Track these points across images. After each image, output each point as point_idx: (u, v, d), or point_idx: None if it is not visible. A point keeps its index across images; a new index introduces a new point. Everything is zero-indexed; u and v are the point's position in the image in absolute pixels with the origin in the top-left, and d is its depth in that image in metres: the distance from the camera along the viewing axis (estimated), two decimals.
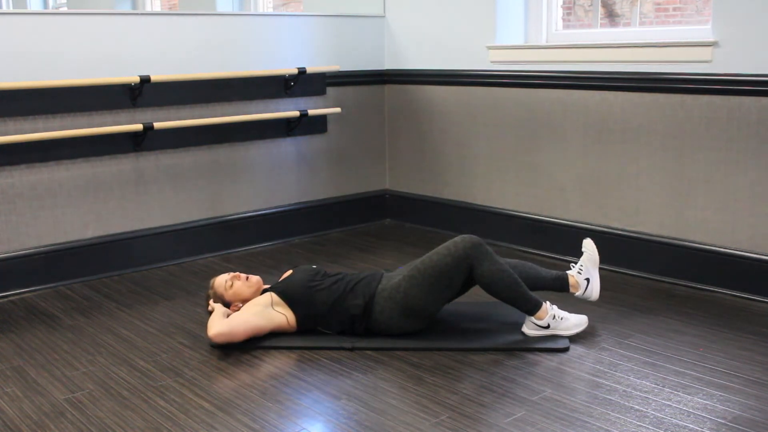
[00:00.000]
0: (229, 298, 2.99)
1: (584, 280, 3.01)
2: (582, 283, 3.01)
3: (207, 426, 2.28)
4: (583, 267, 3.02)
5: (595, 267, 3.02)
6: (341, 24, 4.46)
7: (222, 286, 3.02)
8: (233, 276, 3.03)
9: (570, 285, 3.01)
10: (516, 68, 4.03)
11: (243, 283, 3.01)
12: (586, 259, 3.03)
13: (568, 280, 3.01)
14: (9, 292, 3.51)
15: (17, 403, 2.45)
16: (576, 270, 3.03)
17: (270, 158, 4.28)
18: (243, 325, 2.82)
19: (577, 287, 3.01)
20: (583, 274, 3.01)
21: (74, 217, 3.67)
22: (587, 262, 3.02)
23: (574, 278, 3.01)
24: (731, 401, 2.38)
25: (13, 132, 3.42)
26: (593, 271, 3.02)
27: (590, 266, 3.02)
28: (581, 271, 3.02)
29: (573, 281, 3.01)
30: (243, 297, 2.99)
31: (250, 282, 3.02)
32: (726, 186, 3.31)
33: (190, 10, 5.85)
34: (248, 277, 3.04)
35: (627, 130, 3.61)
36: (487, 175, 4.25)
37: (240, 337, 2.81)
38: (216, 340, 2.79)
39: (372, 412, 2.35)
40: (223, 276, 3.07)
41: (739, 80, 3.19)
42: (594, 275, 3.01)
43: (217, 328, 2.79)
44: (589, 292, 3.01)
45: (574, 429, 2.23)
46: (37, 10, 6.99)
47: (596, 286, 3.01)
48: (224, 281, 3.03)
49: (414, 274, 2.83)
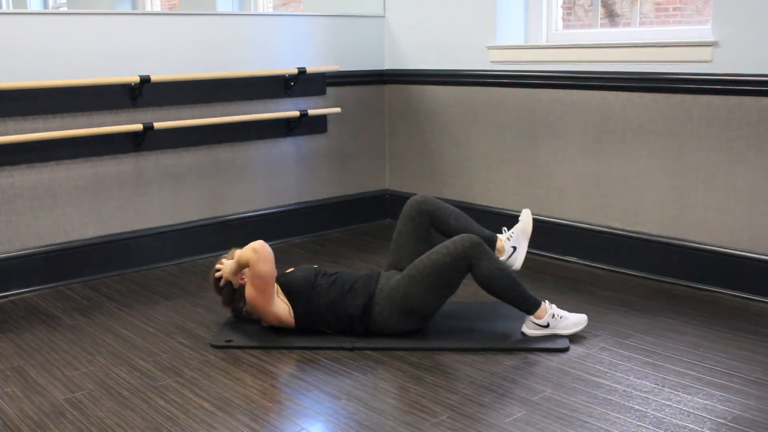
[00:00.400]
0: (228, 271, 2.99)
1: (511, 247, 3.06)
2: (508, 250, 3.06)
3: (207, 426, 2.28)
4: (513, 234, 3.08)
5: (525, 238, 3.08)
6: (341, 24, 4.46)
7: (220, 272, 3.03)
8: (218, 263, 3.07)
9: (497, 248, 3.05)
10: (516, 68, 4.03)
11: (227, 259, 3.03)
12: (518, 228, 3.09)
13: (497, 243, 3.05)
14: (9, 292, 3.51)
15: (17, 403, 2.45)
16: (506, 235, 3.08)
17: (270, 158, 4.28)
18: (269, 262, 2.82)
19: (502, 252, 3.05)
20: (512, 241, 3.07)
21: (74, 217, 3.67)
22: (519, 231, 3.08)
23: (501, 243, 3.06)
24: (731, 401, 2.38)
25: (13, 132, 3.42)
26: (523, 241, 3.08)
27: (521, 236, 3.08)
28: (510, 238, 3.07)
29: (500, 245, 3.06)
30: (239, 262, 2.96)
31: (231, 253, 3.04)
32: (726, 186, 3.31)
33: (190, 10, 5.86)
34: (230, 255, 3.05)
35: (627, 130, 3.61)
36: (487, 175, 4.25)
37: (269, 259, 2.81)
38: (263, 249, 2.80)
39: (372, 412, 2.35)
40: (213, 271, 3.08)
41: (739, 80, 3.19)
42: (522, 245, 3.07)
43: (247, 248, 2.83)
44: (513, 260, 3.06)
45: (574, 429, 2.23)
46: (37, 10, 6.99)
47: (521, 256, 3.06)
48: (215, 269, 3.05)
49: (413, 273, 2.83)
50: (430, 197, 3.10)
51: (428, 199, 3.09)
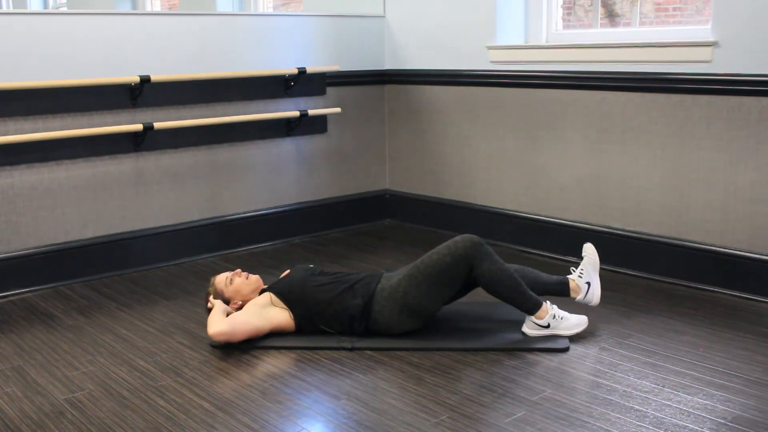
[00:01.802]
0: (229, 294, 3.00)
1: (585, 284, 3.01)
2: (583, 287, 3.00)
3: (207, 426, 2.28)
4: (584, 271, 3.02)
5: (595, 271, 3.02)
6: (341, 24, 4.46)
7: (222, 283, 3.02)
8: (234, 273, 3.04)
9: (571, 289, 3.00)
10: (516, 68, 4.03)
11: (243, 280, 3.01)
12: (586, 263, 3.03)
13: (569, 284, 3.00)
14: (9, 292, 3.51)
15: (17, 403, 2.45)
16: (577, 274, 3.03)
17: (270, 158, 4.28)
18: (243, 325, 2.82)
19: (578, 291, 3.00)
20: (584, 278, 3.01)
21: (74, 217, 3.67)
22: (588, 266, 3.02)
23: (575, 282, 3.01)
24: (731, 401, 2.38)
25: (13, 132, 3.42)
26: (594, 275, 3.02)
27: (591, 270, 3.02)
28: (582, 275, 3.02)
29: (574, 285, 3.01)
30: (243, 294, 3.00)
31: (250, 280, 3.03)
32: (726, 186, 3.31)
33: (190, 10, 5.86)
34: (248, 276, 3.04)
35: (627, 130, 3.61)
36: (487, 175, 4.25)
37: (240, 338, 2.81)
38: (216, 339, 2.79)
39: (372, 412, 2.35)
40: (224, 274, 3.07)
41: (739, 80, 3.19)
42: (595, 279, 3.02)
43: (217, 326, 2.79)
44: (590, 297, 3.01)
45: (574, 429, 2.23)
46: (37, 10, 6.99)
47: (597, 291, 3.02)
48: (225, 278, 3.03)
49: (414, 273, 2.83)
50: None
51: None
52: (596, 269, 3.03)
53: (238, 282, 3.01)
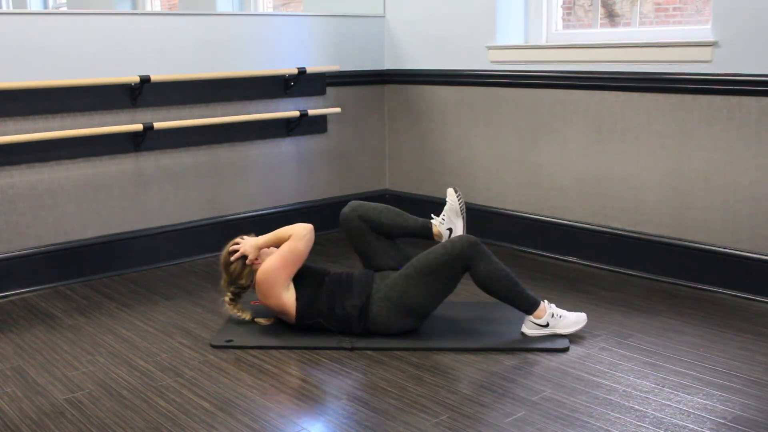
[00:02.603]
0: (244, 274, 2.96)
1: (446, 230, 3.07)
2: (445, 233, 3.07)
3: (207, 426, 2.28)
4: (445, 217, 3.09)
5: (458, 217, 3.08)
6: (341, 24, 4.46)
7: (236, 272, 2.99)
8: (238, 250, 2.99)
9: (434, 234, 3.07)
10: (516, 68, 4.03)
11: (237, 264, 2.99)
12: (448, 209, 3.09)
13: (432, 229, 3.07)
14: (9, 292, 3.51)
15: (17, 403, 2.45)
16: (439, 219, 3.09)
17: (270, 158, 4.28)
18: None
19: (440, 236, 3.07)
20: (446, 224, 3.08)
21: (74, 217, 3.67)
22: (449, 212, 3.08)
23: (437, 228, 3.08)
24: (731, 401, 2.38)
25: (13, 132, 3.42)
26: (456, 220, 3.07)
27: (452, 216, 3.08)
28: (443, 221, 3.08)
29: (436, 231, 3.08)
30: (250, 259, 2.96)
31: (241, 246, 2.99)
32: (726, 186, 3.31)
33: (190, 10, 5.86)
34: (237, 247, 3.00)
35: (627, 130, 3.61)
36: (487, 175, 4.25)
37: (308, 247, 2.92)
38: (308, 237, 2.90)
39: (372, 412, 2.35)
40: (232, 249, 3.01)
41: (739, 80, 3.19)
42: (457, 224, 3.07)
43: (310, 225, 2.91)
44: None
45: (574, 429, 2.23)
46: (37, 10, 6.99)
47: None
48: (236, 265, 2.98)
49: (410, 273, 2.83)
50: (354, 205, 3.12)
51: (353, 207, 3.12)
52: (458, 215, 3.08)
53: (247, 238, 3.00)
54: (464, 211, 3.08)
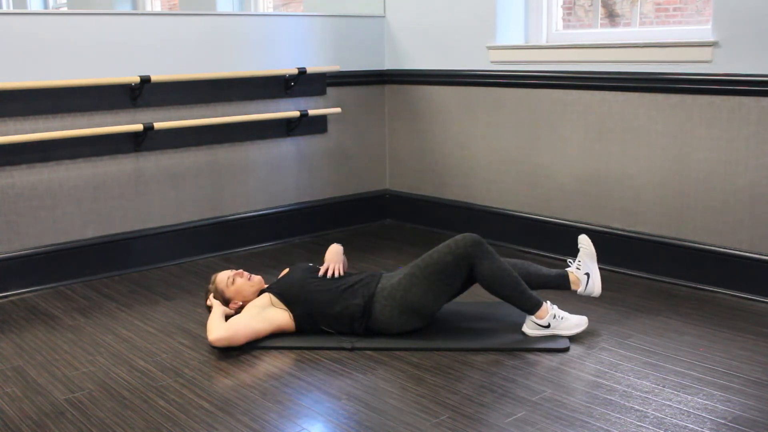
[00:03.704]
0: (229, 294, 2.99)
1: (584, 275, 3.00)
2: (582, 279, 3.00)
3: (207, 426, 2.28)
4: (581, 263, 3.02)
5: (593, 261, 3.02)
6: (341, 24, 4.46)
7: (224, 282, 3.01)
8: (236, 273, 3.03)
9: (571, 282, 3.00)
10: (516, 68, 4.03)
11: (245, 281, 3.00)
12: (583, 255, 3.02)
13: (569, 277, 3.00)
14: (9, 292, 3.51)
15: (17, 403, 2.45)
16: (575, 266, 3.02)
17: (270, 158, 4.28)
18: (244, 329, 2.81)
19: (578, 284, 3.00)
20: (582, 269, 3.01)
21: (74, 217, 3.67)
22: (585, 257, 3.02)
23: (574, 275, 3.00)
24: (731, 401, 2.38)
25: (13, 132, 3.42)
26: (592, 265, 3.01)
27: (588, 261, 3.01)
28: (580, 267, 3.01)
29: (573, 278, 3.00)
30: (244, 295, 2.99)
31: (252, 281, 3.02)
32: (726, 186, 3.31)
33: (190, 10, 5.85)
34: (251, 276, 3.03)
35: (627, 130, 3.61)
36: (487, 175, 4.25)
37: (240, 341, 2.80)
38: (216, 345, 2.78)
39: (372, 412, 2.35)
40: (225, 272, 3.06)
41: (739, 80, 3.19)
42: (593, 269, 3.01)
43: (217, 332, 2.78)
44: (591, 288, 3.00)
45: (574, 429, 2.23)
46: (37, 10, 6.99)
47: (597, 281, 3.01)
48: (226, 278, 3.02)
49: (414, 272, 2.83)
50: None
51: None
52: (593, 259, 3.02)
53: (240, 282, 3.00)
54: None
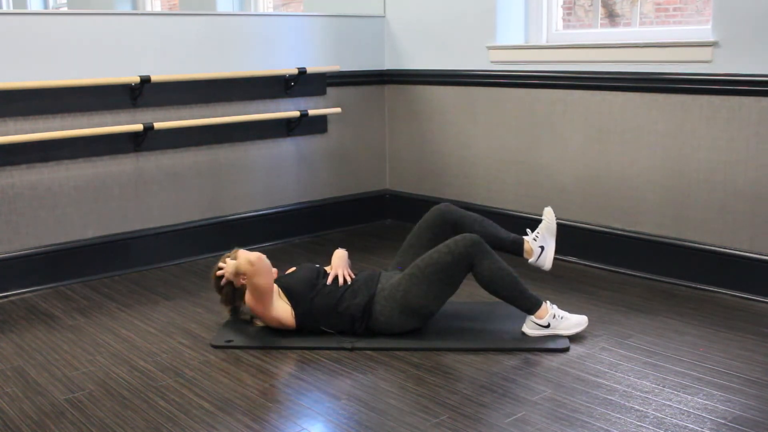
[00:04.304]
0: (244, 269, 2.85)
1: (539, 247, 3.05)
2: (536, 251, 3.05)
3: (207, 426, 2.28)
4: (539, 234, 3.06)
5: (552, 236, 3.06)
6: (341, 24, 4.46)
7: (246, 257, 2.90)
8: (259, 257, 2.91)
9: (525, 250, 3.05)
10: (516, 68, 4.03)
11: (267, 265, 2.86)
12: (543, 227, 3.07)
13: (524, 245, 3.05)
14: (9, 292, 3.51)
15: (17, 403, 2.45)
16: (532, 236, 3.07)
17: (270, 158, 4.28)
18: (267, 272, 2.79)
19: (531, 254, 3.05)
20: (539, 241, 3.05)
21: (74, 217, 3.67)
22: (544, 231, 3.06)
23: (529, 244, 3.06)
24: (731, 401, 2.38)
25: (13, 132, 3.42)
26: (549, 240, 3.06)
27: (547, 235, 3.06)
28: (537, 238, 3.06)
29: (528, 247, 3.05)
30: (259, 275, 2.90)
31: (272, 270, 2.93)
32: (726, 186, 3.31)
33: (190, 10, 5.86)
34: None
35: (627, 130, 3.61)
36: (487, 175, 4.25)
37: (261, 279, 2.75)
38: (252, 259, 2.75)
39: (372, 412, 2.35)
40: None
41: (739, 80, 3.19)
42: (549, 244, 3.05)
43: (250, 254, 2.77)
44: (542, 261, 3.05)
45: (574, 429, 2.23)
46: (37, 10, 6.99)
47: (550, 256, 3.05)
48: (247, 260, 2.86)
49: (414, 272, 2.83)
50: (453, 207, 3.11)
51: (452, 208, 3.09)
52: (552, 234, 3.06)
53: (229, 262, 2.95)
54: None
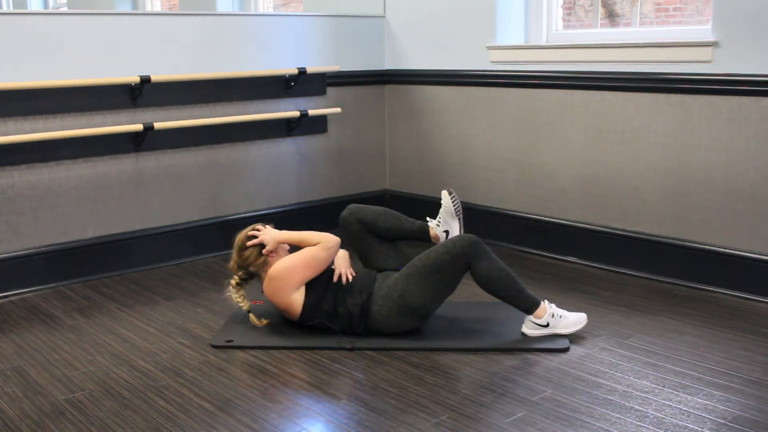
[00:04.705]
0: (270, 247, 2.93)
1: (443, 232, 3.08)
2: (441, 235, 3.08)
3: (207, 426, 2.28)
4: (441, 219, 3.10)
5: (453, 218, 3.08)
6: (341, 24, 4.46)
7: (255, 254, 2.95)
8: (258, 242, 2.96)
9: (431, 236, 3.09)
10: (516, 68, 4.03)
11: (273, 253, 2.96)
12: (443, 212, 3.09)
13: (429, 231, 3.09)
14: (9, 292, 3.51)
15: (17, 403, 2.45)
16: (435, 223, 3.10)
17: (270, 158, 4.28)
18: None
19: (437, 239, 3.08)
20: (442, 226, 3.09)
21: (74, 217, 3.67)
22: (445, 214, 3.09)
23: (434, 231, 3.09)
24: (731, 401, 2.38)
25: (13, 132, 3.42)
26: (452, 222, 3.09)
27: (448, 218, 3.09)
28: (440, 224, 3.10)
29: (433, 233, 3.09)
30: None
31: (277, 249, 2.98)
32: (726, 186, 3.31)
33: (190, 10, 5.86)
34: None
35: (627, 130, 3.61)
36: (487, 175, 4.25)
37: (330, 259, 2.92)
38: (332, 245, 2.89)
39: (372, 412, 2.35)
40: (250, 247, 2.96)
41: (739, 80, 3.19)
42: (454, 226, 3.08)
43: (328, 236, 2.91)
44: None
45: (574, 429, 2.23)
46: (37, 10, 6.98)
47: None
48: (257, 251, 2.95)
49: (411, 272, 2.83)
50: (353, 208, 3.15)
51: (351, 210, 3.14)
52: (454, 216, 3.09)
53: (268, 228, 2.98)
54: (460, 212, 3.08)
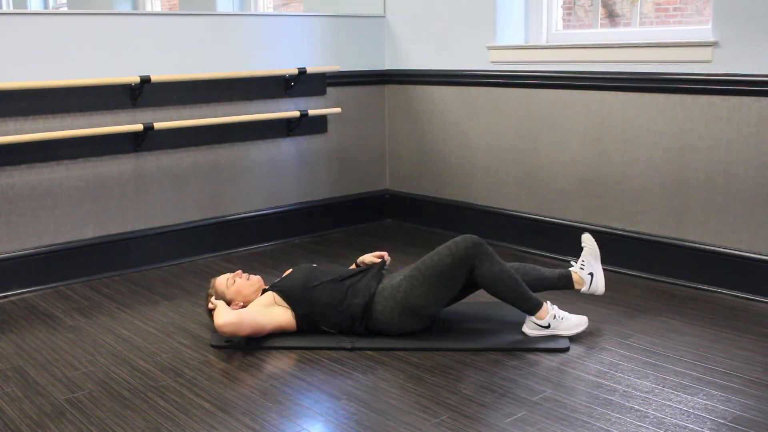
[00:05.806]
0: (230, 296, 2.98)
1: (588, 275, 2.99)
2: (586, 278, 2.99)
3: (207, 426, 2.28)
4: (585, 262, 3.00)
5: (597, 261, 3.01)
6: (341, 24, 4.46)
7: (223, 284, 3.01)
8: (235, 274, 3.03)
9: (574, 282, 2.99)
10: (516, 68, 4.03)
11: (244, 281, 3.00)
12: (587, 254, 3.01)
13: (572, 277, 2.99)
14: (9, 292, 3.51)
15: (17, 403, 2.45)
16: (578, 266, 3.01)
17: (270, 158, 4.28)
18: (250, 320, 2.81)
19: (582, 283, 2.99)
20: (586, 269, 2.99)
21: (74, 217, 3.67)
22: (588, 257, 3.01)
23: (577, 274, 2.99)
24: (731, 401, 2.38)
25: (13, 132, 3.42)
26: (596, 264, 3.00)
27: (592, 260, 3.00)
28: (584, 267, 3.00)
29: (577, 277, 2.99)
30: (244, 295, 2.98)
31: (251, 281, 3.02)
32: (726, 186, 3.31)
33: (190, 10, 5.85)
34: (249, 276, 3.03)
35: (627, 130, 3.61)
36: (487, 175, 4.25)
37: (246, 331, 2.80)
38: (223, 329, 2.76)
39: (372, 412, 2.35)
40: (224, 275, 3.06)
41: (739, 80, 3.19)
42: (597, 269, 3.00)
43: (225, 317, 2.76)
44: (595, 287, 2.99)
45: (575, 429, 2.23)
46: (37, 10, 6.98)
47: (601, 280, 3.00)
48: (226, 279, 3.02)
49: (415, 274, 2.83)
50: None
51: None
52: (597, 258, 3.01)
53: (239, 283, 3.00)
54: None
